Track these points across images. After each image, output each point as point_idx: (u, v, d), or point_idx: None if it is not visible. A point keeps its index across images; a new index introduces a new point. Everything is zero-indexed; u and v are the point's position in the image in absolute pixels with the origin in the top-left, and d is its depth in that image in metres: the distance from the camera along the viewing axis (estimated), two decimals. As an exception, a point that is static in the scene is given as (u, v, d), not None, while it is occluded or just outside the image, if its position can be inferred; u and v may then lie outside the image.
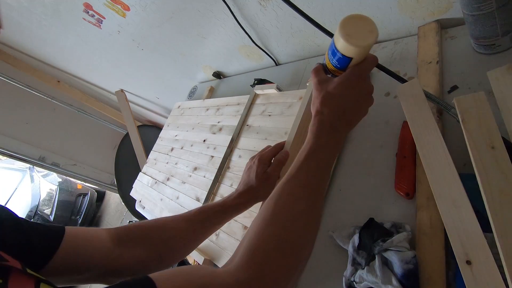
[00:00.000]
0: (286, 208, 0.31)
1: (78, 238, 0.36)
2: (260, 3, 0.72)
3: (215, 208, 0.49)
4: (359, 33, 0.32)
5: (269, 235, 0.29)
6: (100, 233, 0.39)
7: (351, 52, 0.34)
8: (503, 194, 0.31)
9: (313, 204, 0.32)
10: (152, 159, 1.13)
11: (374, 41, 0.33)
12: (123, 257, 0.39)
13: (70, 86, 1.92)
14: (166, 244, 0.44)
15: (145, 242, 0.42)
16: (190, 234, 0.46)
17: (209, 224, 0.48)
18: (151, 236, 0.43)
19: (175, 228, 0.45)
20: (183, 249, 0.46)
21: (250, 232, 0.31)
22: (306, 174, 0.33)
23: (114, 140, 2.28)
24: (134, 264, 0.40)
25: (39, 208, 3.21)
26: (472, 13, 0.42)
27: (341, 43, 0.33)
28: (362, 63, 0.36)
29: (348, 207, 0.50)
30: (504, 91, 0.36)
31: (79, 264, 0.35)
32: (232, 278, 0.26)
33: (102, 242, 0.38)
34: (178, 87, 1.44)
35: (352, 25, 0.33)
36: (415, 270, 0.36)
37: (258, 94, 0.80)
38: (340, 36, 0.33)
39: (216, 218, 0.49)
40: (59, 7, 1.06)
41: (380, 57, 0.62)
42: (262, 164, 0.53)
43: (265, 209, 0.32)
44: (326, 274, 0.47)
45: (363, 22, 0.33)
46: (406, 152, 0.46)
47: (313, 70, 0.40)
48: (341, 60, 0.35)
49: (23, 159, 2.01)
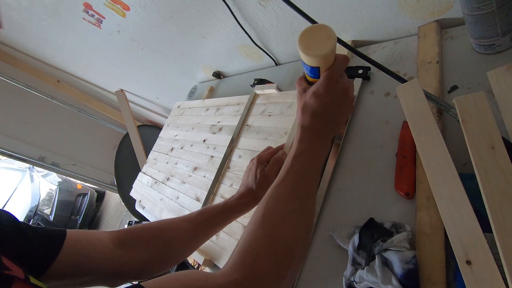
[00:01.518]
0: (276, 210, 0.32)
1: (79, 241, 0.36)
2: (260, 3, 0.72)
3: (217, 209, 0.49)
4: (317, 43, 0.34)
5: (259, 236, 0.30)
6: (101, 235, 0.39)
7: (314, 62, 0.36)
8: (503, 194, 0.31)
9: (302, 204, 0.33)
10: (152, 159, 1.13)
11: (333, 46, 0.34)
12: (125, 258, 0.39)
13: (70, 86, 1.92)
14: (168, 245, 0.44)
15: (147, 244, 0.42)
16: (192, 235, 0.46)
17: (210, 225, 0.49)
18: (153, 237, 0.43)
19: (177, 229, 0.45)
20: (184, 250, 0.47)
21: (243, 235, 0.31)
22: (293, 177, 0.35)
23: (114, 140, 2.28)
24: (135, 266, 0.40)
25: (39, 208, 3.21)
26: (472, 13, 0.42)
27: (303, 56, 0.35)
28: (332, 67, 0.37)
29: (348, 207, 0.50)
30: (504, 91, 0.36)
31: (81, 267, 0.35)
32: (224, 279, 0.26)
33: (104, 244, 0.38)
34: (178, 87, 1.44)
35: (309, 36, 0.34)
36: (415, 270, 0.36)
37: (258, 94, 0.80)
38: (299, 50, 0.34)
39: (218, 220, 0.49)
40: (59, 7, 1.06)
41: (380, 57, 0.62)
42: (261, 165, 0.53)
43: (255, 213, 0.33)
44: (326, 274, 0.47)
45: (320, 30, 0.34)
46: (406, 152, 0.46)
47: (297, 81, 0.42)
48: (311, 71, 0.38)
49: (23, 159, 2.01)
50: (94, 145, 2.40)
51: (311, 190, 0.36)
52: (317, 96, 0.37)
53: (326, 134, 0.38)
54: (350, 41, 0.70)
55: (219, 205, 0.50)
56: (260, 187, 0.51)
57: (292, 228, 0.31)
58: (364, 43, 0.69)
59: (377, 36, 0.66)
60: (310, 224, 0.34)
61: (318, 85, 0.38)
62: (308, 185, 0.35)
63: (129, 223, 1.62)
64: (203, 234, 0.48)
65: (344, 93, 0.39)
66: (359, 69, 0.61)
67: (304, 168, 0.36)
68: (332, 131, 0.40)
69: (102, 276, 0.38)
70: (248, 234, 0.31)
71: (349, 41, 0.70)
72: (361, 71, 0.60)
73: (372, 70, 0.60)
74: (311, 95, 0.38)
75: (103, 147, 2.42)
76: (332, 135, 0.40)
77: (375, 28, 0.64)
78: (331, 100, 0.37)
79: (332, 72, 0.37)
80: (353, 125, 0.57)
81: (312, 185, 0.36)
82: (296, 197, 0.33)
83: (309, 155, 0.36)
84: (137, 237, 0.42)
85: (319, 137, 0.38)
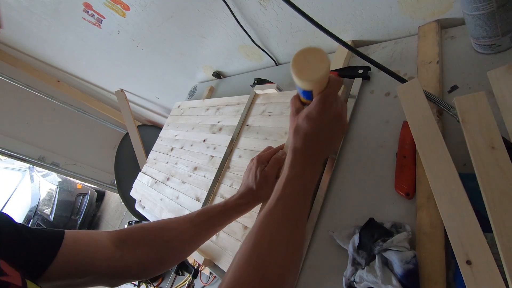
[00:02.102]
0: (264, 243, 0.32)
1: (78, 242, 0.36)
2: (260, 3, 0.72)
3: (217, 209, 0.49)
4: (310, 67, 0.33)
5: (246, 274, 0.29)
6: (101, 235, 0.39)
7: (307, 86, 0.35)
8: (503, 194, 0.31)
9: (292, 235, 0.33)
10: (152, 159, 1.13)
11: (326, 70, 0.33)
12: (124, 258, 0.39)
13: (70, 86, 1.92)
14: (168, 245, 0.44)
15: (146, 243, 0.42)
16: (192, 235, 0.46)
17: (210, 225, 0.49)
18: (152, 237, 0.43)
19: (177, 229, 0.45)
20: (184, 250, 0.47)
21: (232, 267, 0.31)
22: (284, 204, 0.35)
23: (114, 140, 2.28)
24: (135, 266, 0.40)
25: (39, 208, 3.21)
26: (472, 13, 0.42)
27: (296, 80, 0.34)
28: (325, 90, 0.37)
29: (348, 207, 0.50)
30: (504, 91, 0.36)
31: (80, 267, 0.35)
32: None
33: (103, 244, 0.38)
34: (178, 87, 1.44)
35: (302, 60, 0.34)
36: (415, 270, 0.36)
37: (258, 94, 0.80)
38: (292, 73, 0.34)
39: (218, 219, 0.49)
40: (59, 7, 1.06)
41: (380, 57, 0.62)
42: (261, 165, 0.53)
43: (246, 242, 0.33)
44: (326, 274, 0.47)
45: (313, 53, 0.34)
46: (406, 152, 0.46)
47: (291, 100, 0.42)
48: (304, 93, 0.37)
49: (23, 159, 2.01)
50: (94, 145, 2.40)
51: (302, 218, 0.35)
52: (310, 120, 0.37)
53: (317, 159, 0.39)
54: (350, 41, 0.70)
55: (219, 205, 0.50)
56: (260, 187, 0.51)
57: (281, 263, 0.31)
58: (364, 43, 0.69)
59: (377, 36, 0.66)
60: (299, 255, 0.35)
61: (311, 108, 0.37)
62: (298, 213, 0.35)
63: (129, 223, 1.62)
64: (203, 234, 0.48)
65: (337, 116, 0.38)
66: (359, 69, 0.61)
67: (295, 194, 0.36)
68: (324, 155, 0.40)
69: (102, 276, 0.38)
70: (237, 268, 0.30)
71: (349, 41, 0.70)
72: (361, 71, 0.60)
73: (372, 70, 0.60)
74: (303, 118, 0.38)
75: (103, 147, 2.42)
76: (323, 158, 0.40)
77: (375, 28, 0.64)
78: (323, 124, 0.37)
79: (325, 96, 0.37)
80: (353, 125, 0.57)
81: (303, 213, 0.36)
82: (286, 227, 0.33)
83: (300, 181, 0.36)
84: (137, 237, 0.42)
85: (310, 162, 0.38)
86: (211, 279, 0.81)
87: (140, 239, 0.42)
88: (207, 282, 0.82)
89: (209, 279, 0.82)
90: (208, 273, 0.81)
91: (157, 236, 0.44)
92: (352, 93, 0.59)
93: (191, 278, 0.86)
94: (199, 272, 0.84)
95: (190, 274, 0.82)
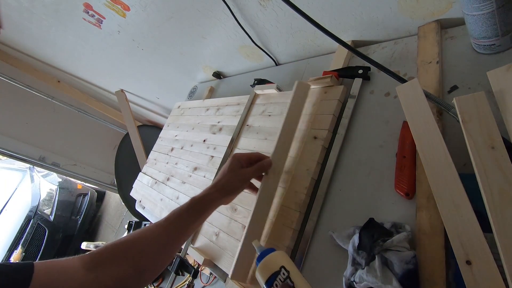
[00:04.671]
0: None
1: (49, 273, 0.35)
2: (260, 3, 0.72)
3: (184, 207, 0.49)
4: None
5: None
6: (72, 262, 0.38)
7: None
8: (503, 194, 0.31)
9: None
10: (152, 159, 1.13)
11: None
12: (99, 280, 0.38)
13: (70, 86, 1.93)
14: (143, 255, 0.43)
15: (120, 259, 0.41)
16: (165, 239, 0.45)
17: (182, 225, 0.48)
18: (125, 251, 0.42)
19: (150, 237, 0.44)
20: (160, 256, 0.45)
21: None
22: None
23: (114, 140, 2.28)
24: (112, 284, 0.39)
25: (39, 208, 3.21)
26: (472, 13, 0.42)
27: None
28: None
29: (348, 207, 0.50)
30: (504, 91, 0.36)
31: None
32: None
33: (75, 270, 0.37)
34: (178, 87, 1.45)
35: None
36: (415, 270, 0.36)
37: (258, 94, 0.80)
38: None
39: (188, 217, 0.48)
40: (59, 7, 1.06)
41: (380, 57, 0.62)
42: (235, 159, 0.54)
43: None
44: (326, 274, 0.47)
45: None
46: (406, 152, 0.46)
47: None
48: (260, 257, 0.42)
49: (23, 159, 2.01)
50: (94, 145, 2.40)
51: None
52: None
53: None
54: (350, 41, 0.70)
55: (186, 203, 0.50)
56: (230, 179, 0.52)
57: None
58: (364, 43, 0.69)
59: (377, 36, 0.66)
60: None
61: None
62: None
63: (129, 223, 1.63)
64: (176, 236, 0.47)
65: None
66: (359, 69, 0.61)
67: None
68: None
69: None
70: None
71: (349, 41, 0.70)
72: (361, 71, 0.60)
73: (372, 70, 0.60)
74: None
75: (103, 147, 2.42)
76: None
77: (375, 28, 0.64)
78: None
79: None
80: (353, 125, 0.57)
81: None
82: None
83: None
84: (109, 255, 0.41)
85: None
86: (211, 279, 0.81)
87: (112, 256, 0.41)
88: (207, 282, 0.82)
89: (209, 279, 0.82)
90: (208, 273, 0.81)
91: (130, 249, 0.43)
92: (352, 93, 0.59)
93: (191, 278, 0.86)
94: (199, 272, 0.84)
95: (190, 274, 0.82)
